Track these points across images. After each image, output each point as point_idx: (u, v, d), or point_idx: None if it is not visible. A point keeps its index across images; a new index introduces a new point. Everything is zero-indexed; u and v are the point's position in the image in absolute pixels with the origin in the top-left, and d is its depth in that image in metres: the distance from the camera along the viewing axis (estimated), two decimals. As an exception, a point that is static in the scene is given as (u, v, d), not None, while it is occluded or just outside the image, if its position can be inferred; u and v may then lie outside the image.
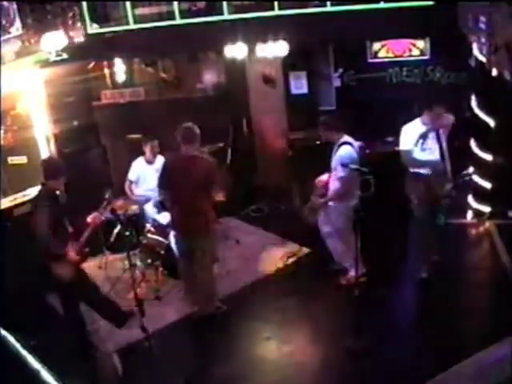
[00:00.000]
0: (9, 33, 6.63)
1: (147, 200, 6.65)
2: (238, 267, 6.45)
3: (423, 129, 5.38)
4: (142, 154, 6.83)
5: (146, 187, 6.74)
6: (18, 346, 3.48)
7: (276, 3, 6.91)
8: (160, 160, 6.83)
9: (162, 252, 6.13)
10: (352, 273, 5.40)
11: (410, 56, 7.66)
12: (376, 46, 7.73)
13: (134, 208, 6.53)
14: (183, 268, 5.62)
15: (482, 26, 5.39)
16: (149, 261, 6.26)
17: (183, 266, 5.60)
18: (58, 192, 4.91)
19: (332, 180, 5.64)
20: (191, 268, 5.47)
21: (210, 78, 8.54)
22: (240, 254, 6.74)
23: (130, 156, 7.05)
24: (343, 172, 5.44)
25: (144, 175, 6.78)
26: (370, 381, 4.56)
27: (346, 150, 5.53)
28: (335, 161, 5.57)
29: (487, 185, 6.52)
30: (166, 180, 5.36)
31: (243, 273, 6.34)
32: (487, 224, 6.64)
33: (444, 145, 5.40)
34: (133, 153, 7.00)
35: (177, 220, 5.43)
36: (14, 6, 6.64)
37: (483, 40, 5.50)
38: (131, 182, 6.83)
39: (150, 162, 6.79)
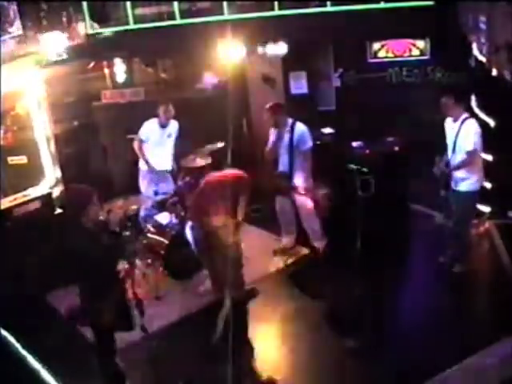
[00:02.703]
0: (9, 33, 6.63)
1: (148, 200, 6.64)
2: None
3: None
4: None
5: (155, 150, 6.76)
6: (17, 345, 3.48)
7: (276, 3, 6.92)
8: (173, 125, 6.83)
9: (162, 252, 6.13)
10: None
11: (410, 56, 7.67)
12: (376, 45, 7.74)
13: (134, 208, 6.52)
14: (204, 257, 5.76)
15: (482, 26, 5.39)
16: (149, 261, 6.26)
17: (204, 255, 5.74)
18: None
19: (300, 161, 6.08)
20: (212, 256, 5.61)
21: (209, 78, 8.54)
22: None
23: (130, 156, 7.04)
24: (312, 142, 6.08)
25: (155, 137, 6.77)
26: (372, 380, 4.57)
27: (303, 125, 6.15)
28: (300, 136, 6.08)
29: (487, 185, 6.50)
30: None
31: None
32: (487, 224, 6.63)
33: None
34: (133, 153, 6.99)
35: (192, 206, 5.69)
36: (14, 6, 6.64)
37: (483, 40, 5.50)
38: (142, 141, 6.78)
39: (162, 126, 6.78)
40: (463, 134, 5.37)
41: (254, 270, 6.32)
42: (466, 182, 5.50)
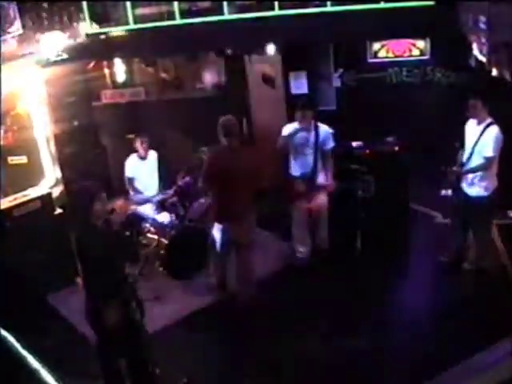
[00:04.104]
0: (9, 33, 6.64)
1: (147, 200, 6.64)
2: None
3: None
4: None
5: (141, 184, 6.74)
6: (17, 346, 3.49)
7: (276, 3, 6.92)
8: (152, 155, 6.83)
9: (162, 252, 6.13)
10: None
11: (410, 56, 7.66)
12: (376, 45, 7.73)
13: (134, 208, 6.51)
14: (225, 259, 5.71)
15: (482, 25, 5.39)
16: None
17: (226, 257, 5.70)
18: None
19: (324, 161, 5.98)
20: (234, 258, 5.65)
21: (209, 78, 8.54)
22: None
23: (131, 155, 7.04)
24: (334, 142, 5.98)
25: (138, 172, 6.76)
26: (374, 380, 4.57)
27: (326, 126, 6.03)
28: (326, 135, 5.98)
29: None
30: (212, 173, 5.40)
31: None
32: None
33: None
34: (133, 153, 6.99)
35: (227, 209, 5.44)
36: (14, 5, 6.64)
37: (483, 40, 5.50)
38: (130, 180, 6.80)
39: (142, 158, 6.77)
40: (485, 139, 5.28)
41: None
42: (479, 186, 5.45)
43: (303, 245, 6.33)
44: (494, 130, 5.29)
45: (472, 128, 5.47)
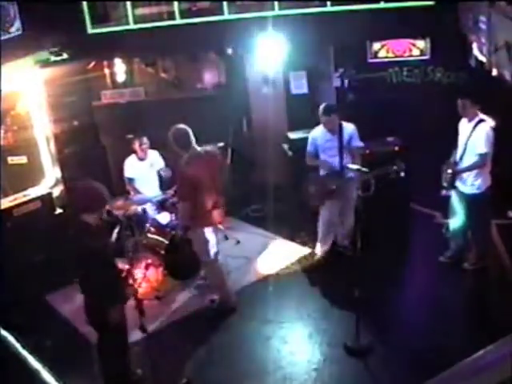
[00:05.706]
0: (9, 33, 6.63)
1: (147, 200, 6.64)
2: (239, 267, 6.45)
3: None
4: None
5: (142, 185, 6.74)
6: (17, 346, 3.47)
7: (276, 3, 6.92)
8: (152, 155, 6.82)
9: (162, 252, 6.13)
10: None
11: (410, 56, 7.66)
12: (376, 45, 7.74)
13: (134, 208, 6.51)
14: (218, 264, 5.68)
15: (482, 25, 5.40)
16: (149, 261, 6.26)
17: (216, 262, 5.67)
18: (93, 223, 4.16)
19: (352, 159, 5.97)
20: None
21: (209, 78, 8.54)
22: (240, 254, 6.74)
23: (130, 156, 7.05)
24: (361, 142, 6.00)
25: (138, 172, 6.76)
26: (372, 379, 4.57)
27: (351, 124, 6.06)
28: (349, 134, 5.98)
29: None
30: (190, 189, 5.22)
31: (243, 273, 6.35)
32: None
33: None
34: (132, 153, 7.00)
35: (209, 213, 5.39)
36: (14, 5, 6.64)
37: (483, 40, 5.51)
38: (130, 180, 6.80)
39: (141, 159, 6.77)
40: (477, 136, 5.31)
41: (254, 270, 6.34)
42: (473, 184, 5.47)
43: (325, 244, 6.33)
44: (485, 127, 5.31)
45: (464, 126, 5.52)
